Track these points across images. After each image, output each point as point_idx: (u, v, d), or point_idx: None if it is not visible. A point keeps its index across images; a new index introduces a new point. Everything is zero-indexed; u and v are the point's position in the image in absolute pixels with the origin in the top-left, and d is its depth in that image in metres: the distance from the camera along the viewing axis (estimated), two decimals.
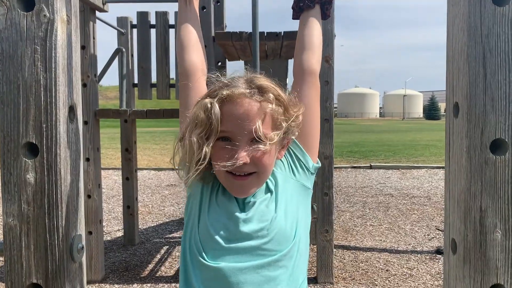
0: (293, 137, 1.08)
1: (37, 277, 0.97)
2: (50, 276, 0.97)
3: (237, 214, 1.00)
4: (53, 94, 0.95)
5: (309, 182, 1.11)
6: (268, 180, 1.05)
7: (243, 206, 1.02)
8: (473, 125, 0.95)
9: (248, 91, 0.97)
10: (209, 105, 0.95)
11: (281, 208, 1.02)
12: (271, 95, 0.98)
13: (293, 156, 1.11)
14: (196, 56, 1.18)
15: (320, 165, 1.17)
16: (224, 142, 0.97)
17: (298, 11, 1.22)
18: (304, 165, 1.11)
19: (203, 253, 0.99)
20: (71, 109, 1.01)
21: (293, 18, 1.26)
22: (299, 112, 1.03)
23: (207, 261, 0.98)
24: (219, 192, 1.04)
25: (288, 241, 1.01)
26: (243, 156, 0.94)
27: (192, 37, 1.20)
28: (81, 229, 1.06)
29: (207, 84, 1.14)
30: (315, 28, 1.21)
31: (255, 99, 0.97)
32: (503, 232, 0.95)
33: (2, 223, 0.93)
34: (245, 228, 0.98)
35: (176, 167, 1.05)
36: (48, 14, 0.94)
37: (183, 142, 1.00)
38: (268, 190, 1.05)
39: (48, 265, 0.97)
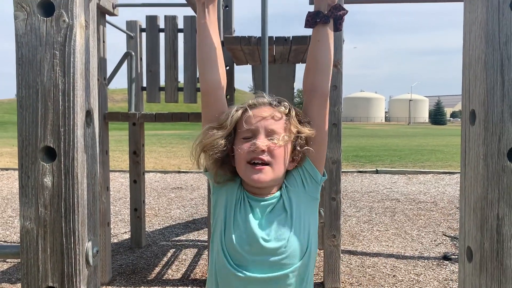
0: (303, 149, 1.22)
1: (53, 280, 0.97)
2: (66, 279, 0.97)
3: (257, 232, 1.15)
4: (71, 98, 0.96)
5: (317, 193, 1.26)
6: (284, 199, 1.20)
7: (263, 223, 1.17)
8: (490, 133, 0.95)
9: (269, 100, 1.24)
10: (233, 110, 1.21)
11: (296, 225, 1.17)
12: (286, 104, 1.23)
13: (305, 172, 1.25)
14: (218, 74, 1.25)
15: (326, 177, 1.30)
16: (247, 139, 1.18)
17: (312, 24, 1.24)
18: (314, 178, 1.25)
19: (231, 262, 1.15)
20: (88, 114, 1.02)
21: (306, 27, 1.26)
22: (309, 131, 1.22)
23: (234, 269, 1.14)
24: (241, 208, 1.19)
25: (302, 253, 1.16)
26: (263, 142, 1.15)
27: (213, 53, 1.25)
28: (97, 233, 1.06)
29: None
30: (329, 47, 1.25)
31: (274, 106, 1.22)
32: None
33: (19, 226, 0.94)
34: (266, 245, 1.14)
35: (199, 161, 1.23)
36: (67, 20, 0.95)
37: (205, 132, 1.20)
38: (284, 209, 1.19)
39: (64, 269, 0.97)
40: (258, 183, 1.16)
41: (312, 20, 1.23)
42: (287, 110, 1.21)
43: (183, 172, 10.74)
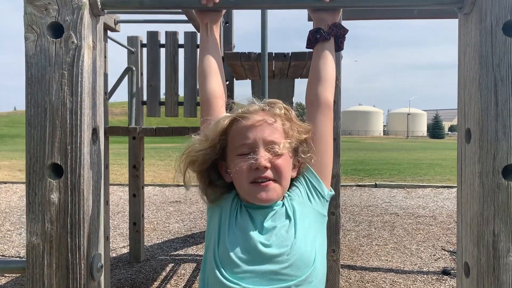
0: (306, 158, 1.16)
1: None
2: None
3: (255, 237, 1.05)
4: (78, 117, 0.99)
5: (324, 209, 1.19)
6: (287, 207, 1.11)
7: (263, 229, 1.07)
8: (485, 151, 0.98)
9: (260, 105, 1.15)
10: (220, 119, 1.13)
11: (301, 233, 1.07)
12: (281, 107, 1.16)
13: (309, 184, 1.18)
14: (216, 85, 1.26)
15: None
16: (244, 156, 1.08)
17: (314, 42, 1.26)
18: (320, 192, 1.18)
19: (225, 274, 1.02)
20: (94, 131, 1.05)
21: (307, 47, 1.29)
22: (308, 128, 1.17)
23: (228, 281, 1.01)
24: (238, 216, 1.10)
25: (308, 267, 1.04)
26: (264, 157, 1.06)
27: (213, 66, 1.27)
28: (101, 248, 1.08)
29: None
30: (330, 61, 1.26)
31: (267, 111, 1.13)
32: None
33: (25, 241, 0.96)
34: (265, 251, 1.03)
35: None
36: (76, 41, 0.99)
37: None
38: (287, 216, 1.10)
39: (69, 284, 0.99)
40: (266, 202, 1.07)
41: (313, 37, 1.25)
42: (282, 111, 1.14)
43: (182, 185, 10.65)
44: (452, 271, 4.44)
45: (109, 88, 4.04)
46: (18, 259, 4.74)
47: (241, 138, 1.09)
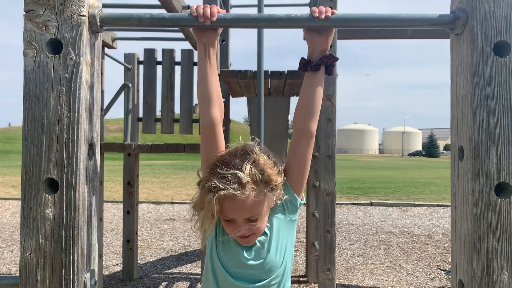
0: (279, 200, 1.35)
1: None
2: None
3: (241, 253, 1.35)
4: (75, 132, 1.00)
5: (295, 215, 1.40)
6: (267, 224, 1.35)
7: (247, 247, 1.35)
8: (478, 169, 0.99)
9: (238, 191, 1.23)
10: (213, 203, 1.23)
11: (273, 246, 1.36)
12: (258, 178, 1.26)
13: (287, 201, 1.37)
14: (216, 110, 1.33)
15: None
16: (229, 221, 1.30)
17: (304, 70, 1.32)
18: (294, 204, 1.38)
19: (227, 274, 1.34)
20: (91, 147, 1.05)
21: (299, 69, 1.33)
22: (281, 181, 1.33)
23: (229, 279, 1.34)
24: (230, 237, 1.35)
25: (278, 267, 1.35)
26: (243, 229, 1.28)
27: (213, 92, 1.32)
28: (95, 264, 1.07)
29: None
30: (318, 92, 1.33)
31: (244, 192, 1.24)
32: (509, 273, 0.97)
33: (19, 257, 0.95)
34: (248, 263, 1.35)
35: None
36: (74, 57, 1.00)
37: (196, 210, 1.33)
38: (264, 232, 1.35)
39: None
40: (248, 245, 1.35)
41: (303, 67, 1.31)
42: (259, 185, 1.26)
43: (176, 203, 10.67)
44: None
45: (105, 104, 4.05)
46: (11, 275, 4.66)
47: (226, 213, 1.27)
